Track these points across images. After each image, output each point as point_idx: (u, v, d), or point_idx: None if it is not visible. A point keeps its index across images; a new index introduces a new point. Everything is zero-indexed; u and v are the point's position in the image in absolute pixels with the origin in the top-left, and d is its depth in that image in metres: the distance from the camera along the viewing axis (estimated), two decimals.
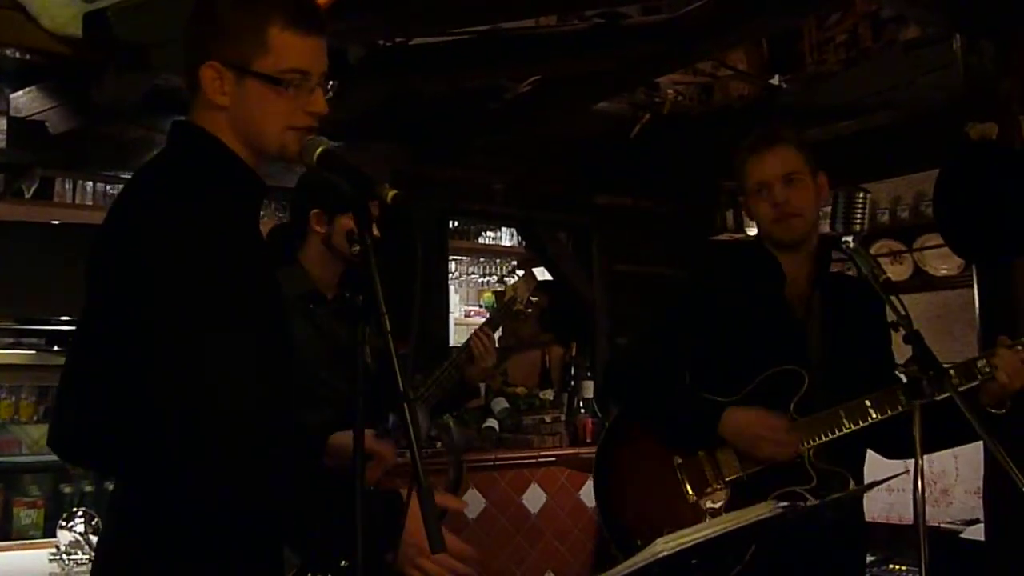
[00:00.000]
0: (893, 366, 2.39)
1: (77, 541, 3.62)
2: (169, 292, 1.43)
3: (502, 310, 3.05)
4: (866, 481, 2.30)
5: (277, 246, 2.74)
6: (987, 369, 2.11)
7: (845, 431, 2.20)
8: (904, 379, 2.11)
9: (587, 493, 4.71)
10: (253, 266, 1.56)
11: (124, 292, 1.45)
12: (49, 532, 3.72)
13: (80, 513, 3.70)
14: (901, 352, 2.05)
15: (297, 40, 1.54)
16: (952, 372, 2.11)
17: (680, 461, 2.31)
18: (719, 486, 2.27)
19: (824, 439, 2.21)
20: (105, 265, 1.50)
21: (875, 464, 2.37)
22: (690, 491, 2.28)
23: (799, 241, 2.29)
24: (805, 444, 2.21)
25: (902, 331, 1.97)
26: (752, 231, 2.55)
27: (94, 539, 3.58)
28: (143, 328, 1.42)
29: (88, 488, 3.89)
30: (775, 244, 2.33)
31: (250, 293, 1.51)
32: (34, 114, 3.57)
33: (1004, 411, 2.12)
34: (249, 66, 1.52)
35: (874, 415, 2.19)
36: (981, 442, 1.95)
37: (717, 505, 2.25)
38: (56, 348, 3.92)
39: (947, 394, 1.95)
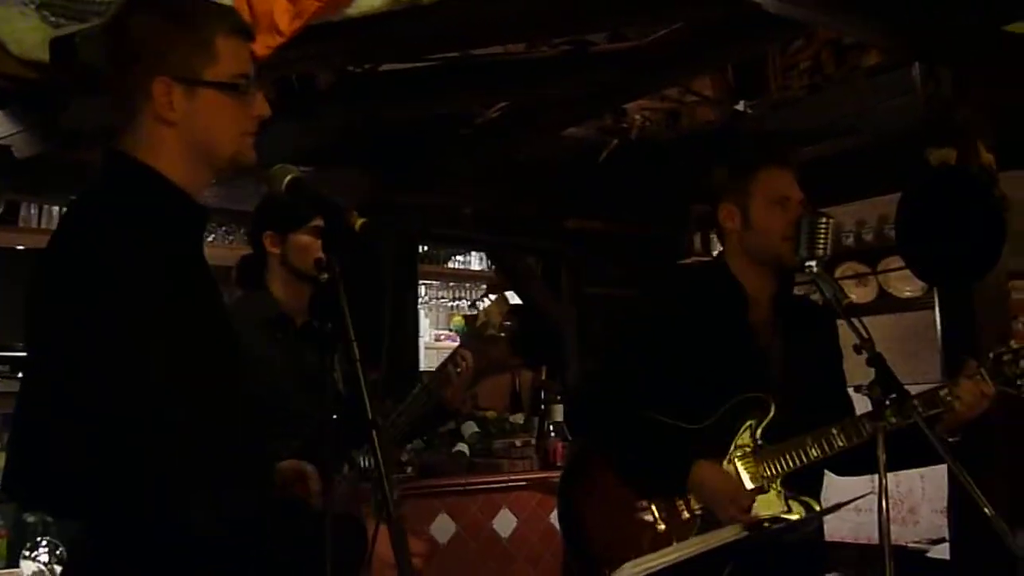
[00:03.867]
0: (845, 388, 2.43)
1: (41, 571, 3.56)
2: (103, 329, 1.40)
3: (474, 334, 3.04)
4: (826, 500, 2.32)
5: (246, 275, 2.74)
6: (949, 398, 2.14)
7: (812, 459, 2.23)
8: (861, 401, 2.14)
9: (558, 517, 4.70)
10: (196, 297, 1.55)
11: (60, 332, 1.43)
12: (12, 562, 3.66)
13: (44, 543, 3.65)
14: (865, 374, 2.08)
15: (240, 46, 1.57)
16: (916, 401, 2.12)
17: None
18: (689, 515, 2.26)
19: (791, 467, 2.23)
20: (42, 303, 1.48)
21: (842, 485, 2.40)
22: (660, 520, 2.27)
23: (787, 265, 2.29)
24: (773, 471, 2.23)
25: (865, 354, 2.00)
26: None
27: (58, 569, 3.53)
28: (79, 367, 1.40)
29: (51, 518, 3.83)
30: (759, 261, 2.32)
31: (191, 326, 1.49)
32: None
33: (958, 439, 2.14)
34: (201, 77, 1.53)
35: (840, 443, 2.21)
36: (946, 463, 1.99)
37: (688, 534, 2.22)
38: (21, 376, 3.86)
39: (911, 420, 1.98)
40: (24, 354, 1.49)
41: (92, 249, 1.44)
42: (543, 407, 5.13)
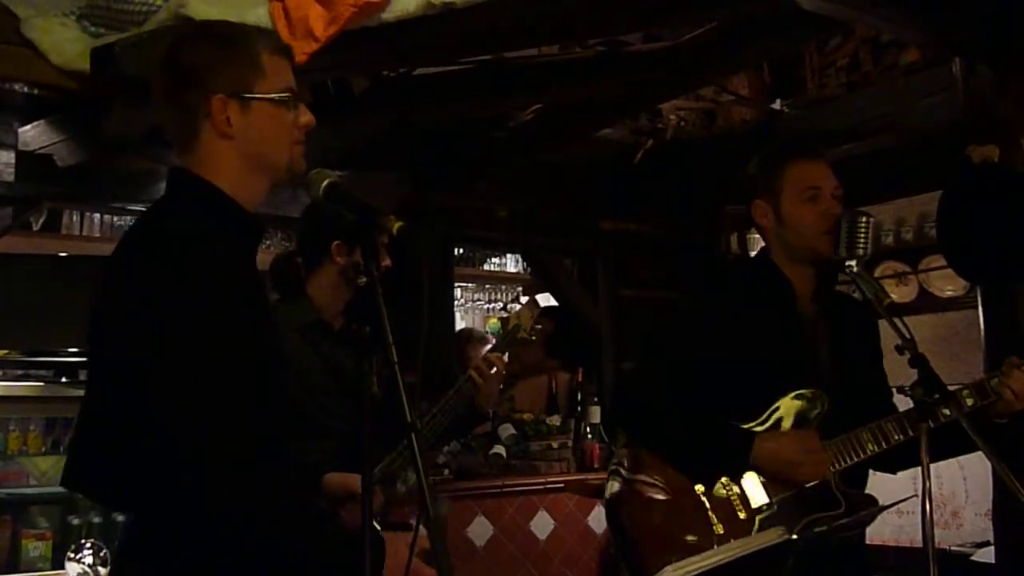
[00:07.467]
0: (887, 384, 2.40)
1: (86, 573, 3.61)
2: (169, 334, 1.49)
3: (507, 337, 3.05)
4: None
5: (281, 275, 2.75)
6: (999, 388, 2.13)
7: (869, 454, 2.19)
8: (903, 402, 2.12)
9: (595, 519, 4.68)
10: (250, 305, 1.62)
11: (128, 332, 1.52)
12: (57, 564, 3.71)
13: (88, 545, 3.70)
14: (907, 374, 2.05)
15: (283, 63, 1.69)
16: (966, 392, 2.14)
17: (703, 492, 2.22)
18: (746, 517, 2.19)
19: (850, 462, 2.19)
20: (110, 306, 1.58)
21: (884, 486, 2.37)
22: (718, 524, 2.18)
23: (824, 259, 2.26)
24: (833, 468, 2.19)
25: (907, 354, 1.97)
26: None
27: (102, 571, 3.58)
28: (145, 367, 1.48)
29: (96, 519, 3.88)
30: (798, 258, 2.28)
31: (248, 333, 1.56)
32: (42, 147, 3.59)
33: (1005, 421, 2.15)
34: (252, 92, 1.64)
35: (896, 437, 2.18)
36: (990, 464, 1.96)
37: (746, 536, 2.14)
38: (64, 380, 3.92)
39: (956, 417, 1.98)
40: (71, 358, 1.57)
41: (157, 257, 1.55)
42: (580, 409, 5.11)
